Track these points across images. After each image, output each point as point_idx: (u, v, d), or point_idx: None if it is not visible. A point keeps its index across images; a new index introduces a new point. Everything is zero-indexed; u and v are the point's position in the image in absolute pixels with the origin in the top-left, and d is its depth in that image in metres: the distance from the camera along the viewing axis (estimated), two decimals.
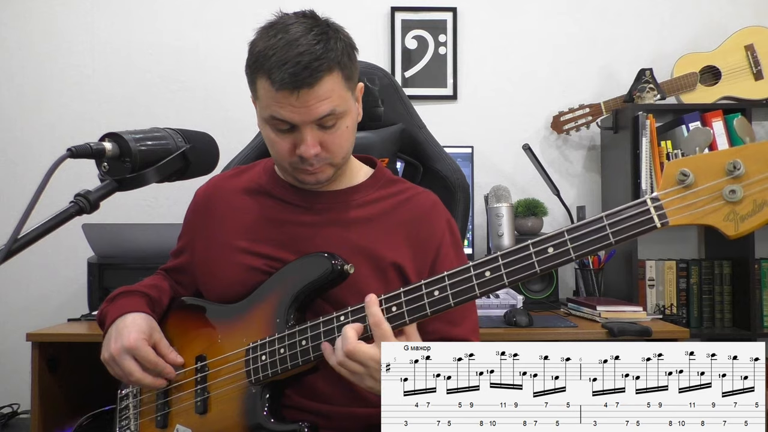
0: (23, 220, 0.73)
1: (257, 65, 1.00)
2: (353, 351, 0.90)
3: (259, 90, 1.02)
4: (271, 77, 0.98)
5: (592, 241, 0.83)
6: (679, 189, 0.80)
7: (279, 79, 0.97)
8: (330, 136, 1.03)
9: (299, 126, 1.01)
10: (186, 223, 1.25)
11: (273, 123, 1.03)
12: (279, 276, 1.07)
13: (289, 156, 1.04)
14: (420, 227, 1.12)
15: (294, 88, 0.97)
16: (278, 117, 1.00)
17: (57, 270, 2.49)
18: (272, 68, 0.97)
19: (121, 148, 0.85)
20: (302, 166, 1.05)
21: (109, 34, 2.56)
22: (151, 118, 2.50)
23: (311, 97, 0.98)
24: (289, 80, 0.96)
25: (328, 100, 1.00)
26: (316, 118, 1.00)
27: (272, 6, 1.15)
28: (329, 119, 1.01)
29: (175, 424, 1.09)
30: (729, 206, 0.77)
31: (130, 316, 1.09)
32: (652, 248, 2.44)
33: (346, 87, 1.03)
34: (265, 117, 1.03)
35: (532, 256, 0.85)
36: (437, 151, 1.64)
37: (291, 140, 1.03)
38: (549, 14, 2.58)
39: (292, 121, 1.00)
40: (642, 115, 2.23)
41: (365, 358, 0.90)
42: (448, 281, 0.90)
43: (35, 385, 1.77)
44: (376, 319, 0.91)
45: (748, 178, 0.77)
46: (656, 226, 0.80)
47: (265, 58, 0.99)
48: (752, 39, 2.44)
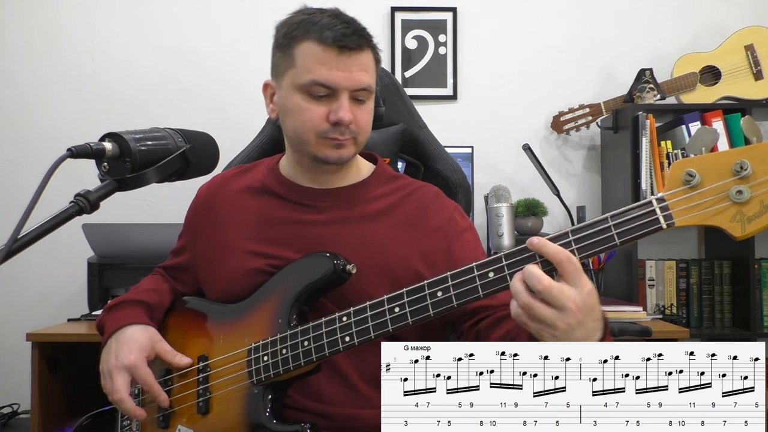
0: (23, 220, 0.73)
1: (302, 29, 1.04)
2: (548, 287, 0.76)
3: (301, 56, 1.04)
4: (322, 35, 1.01)
5: (597, 242, 0.81)
6: (685, 189, 0.78)
7: (332, 36, 1.01)
8: (360, 111, 1.06)
9: (338, 92, 1.03)
10: (187, 221, 1.24)
11: (310, 89, 1.03)
12: (281, 276, 1.06)
13: (321, 124, 1.04)
14: (426, 219, 1.11)
15: (344, 47, 1.01)
16: (320, 80, 1.02)
17: (57, 270, 2.49)
18: (323, 29, 1.02)
19: (121, 148, 0.85)
20: (332, 135, 1.05)
21: (109, 34, 2.56)
22: (151, 118, 2.50)
23: (356, 63, 1.03)
24: (341, 39, 1.01)
25: (367, 73, 1.05)
26: (357, 85, 1.03)
27: (272, 6, 1.15)
28: (363, 93, 1.05)
29: (176, 424, 1.09)
30: (736, 207, 0.76)
31: (129, 330, 1.09)
32: (652, 248, 2.44)
33: (375, 70, 1.08)
34: (302, 83, 1.04)
35: (536, 257, 0.84)
36: (438, 151, 1.64)
37: (325, 109, 1.04)
38: (549, 14, 2.58)
39: (335, 83, 1.02)
40: (642, 115, 2.23)
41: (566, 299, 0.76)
42: (451, 281, 0.89)
43: (35, 385, 1.77)
44: (564, 254, 0.78)
45: (756, 179, 0.75)
46: (662, 227, 0.79)
47: (311, 23, 1.03)
48: (752, 39, 2.44)
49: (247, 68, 2.46)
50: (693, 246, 2.55)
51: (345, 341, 0.95)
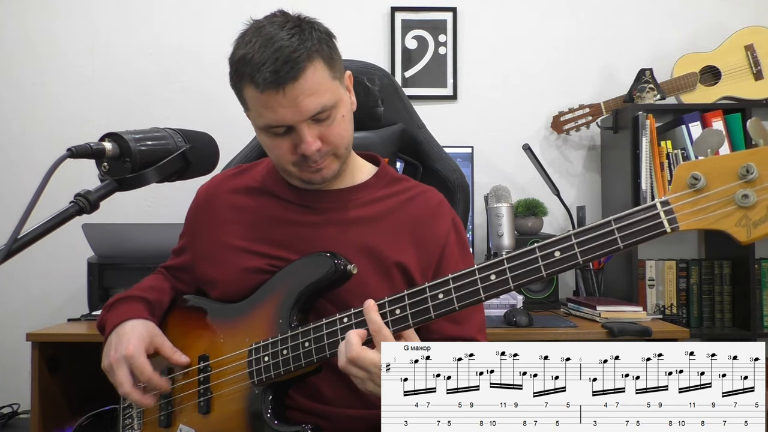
0: (23, 220, 0.73)
1: (239, 74, 1.00)
2: (356, 357, 0.89)
3: (248, 100, 1.02)
4: (254, 81, 0.97)
5: (600, 246, 0.81)
6: (690, 193, 0.77)
7: (262, 80, 0.96)
8: (327, 129, 1.02)
9: (295, 126, 1.00)
10: (187, 221, 1.24)
11: (268, 130, 1.02)
12: (281, 276, 1.06)
13: (292, 157, 1.04)
14: (425, 227, 1.11)
15: (279, 85, 0.96)
16: (271, 123, 1.00)
17: (57, 270, 2.49)
18: (253, 72, 0.96)
19: (121, 148, 0.85)
20: (306, 164, 1.04)
21: (109, 34, 2.56)
22: (151, 118, 2.50)
23: (298, 92, 0.97)
24: (272, 79, 0.95)
25: (316, 94, 0.98)
26: (308, 115, 0.99)
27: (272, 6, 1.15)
28: (322, 114, 1.00)
29: (178, 423, 1.09)
30: (741, 211, 0.75)
31: (129, 324, 1.09)
32: (652, 248, 2.44)
33: (331, 76, 1.02)
34: (259, 126, 1.03)
35: (539, 260, 0.84)
36: (437, 151, 1.64)
37: (290, 142, 1.02)
38: (549, 14, 2.58)
39: (286, 122, 0.99)
40: (642, 115, 2.23)
41: (368, 363, 0.89)
42: (453, 284, 0.89)
43: (35, 385, 1.77)
44: (376, 326, 0.90)
45: (762, 183, 0.74)
46: (666, 230, 0.78)
47: (244, 64, 0.98)
48: (752, 39, 2.44)
49: None
50: (693, 246, 2.55)
51: None
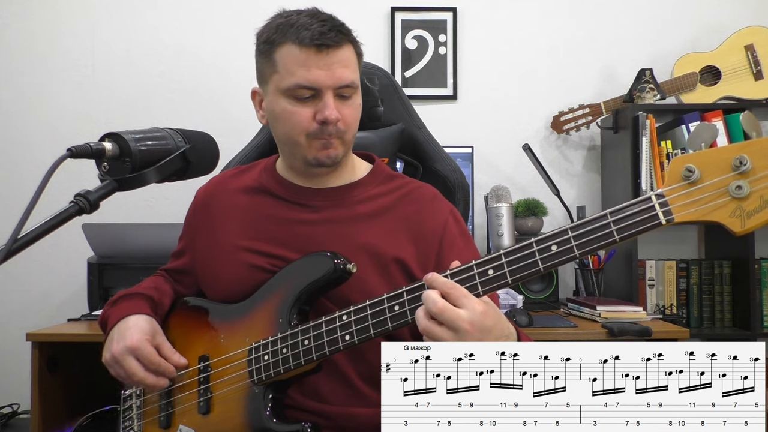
0: (23, 220, 0.73)
1: (280, 33, 1.04)
2: (442, 309, 0.82)
3: (281, 60, 1.04)
4: (299, 36, 1.01)
5: (596, 239, 0.82)
6: (685, 185, 0.78)
7: (309, 36, 1.01)
8: (347, 109, 1.06)
9: (322, 92, 1.03)
10: (187, 223, 1.25)
11: (294, 92, 1.04)
12: (281, 275, 1.07)
13: (309, 125, 1.05)
14: (421, 220, 1.12)
15: (322, 45, 1.01)
16: (302, 83, 1.02)
17: (57, 270, 2.49)
18: (299, 30, 1.02)
19: (121, 148, 0.85)
20: (320, 138, 1.05)
21: (109, 34, 2.56)
22: (151, 118, 2.50)
23: (336, 60, 1.02)
24: (318, 38, 1.01)
25: (349, 68, 1.04)
26: (339, 82, 1.03)
27: (272, 6, 1.15)
28: (347, 89, 1.05)
29: (178, 424, 1.09)
30: (735, 202, 0.76)
31: (132, 318, 1.09)
32: (652, 248, 2.44)
33: (358, 65, 1.08)
34: (286, 87, 1.04)
35: (536, 254, 0.84)
36: (437, 151, 1.64)
37: (311, 109, 1.04)
38: (549, 14, 2.58)
39: (318, 83, 1.02)
40: (642, 115, 2.24)
41: (455, 317, 0.81)
42: (450, 279, 0.89)
43: (35, 385, 1.77)
44: (449, 284, 0.85)
45: (755, 174, 0.75)
46: (661, 222, 0.79)
47: (288, 26, 1.03)
48: (752, 39, 2.44)
49: (247, 68, 2.43)
50: (693, 246, 2.55)
51: (345, 340, 0.96)
